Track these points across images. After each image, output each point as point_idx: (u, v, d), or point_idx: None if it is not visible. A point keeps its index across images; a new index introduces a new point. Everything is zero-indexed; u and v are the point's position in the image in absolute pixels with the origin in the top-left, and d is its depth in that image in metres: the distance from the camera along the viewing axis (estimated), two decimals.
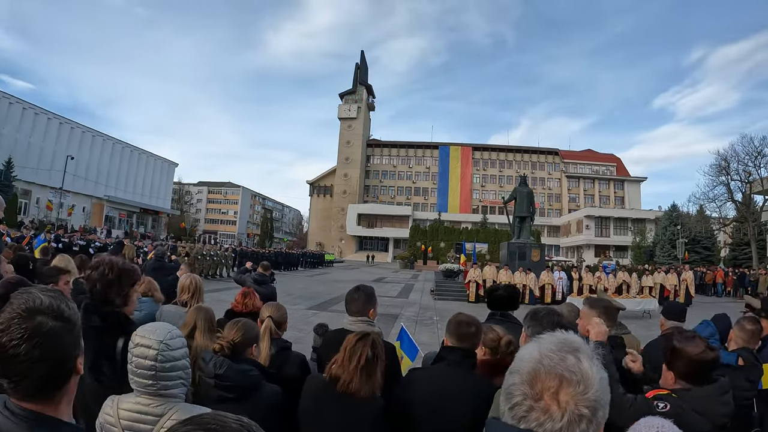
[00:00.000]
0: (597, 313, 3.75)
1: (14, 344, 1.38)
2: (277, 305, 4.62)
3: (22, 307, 1.44)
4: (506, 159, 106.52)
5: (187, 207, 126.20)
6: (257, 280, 10.00)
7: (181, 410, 2.33)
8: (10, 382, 1.42)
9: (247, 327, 3.43)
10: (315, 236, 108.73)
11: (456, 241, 66.12)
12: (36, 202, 58.71)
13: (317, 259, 63.93)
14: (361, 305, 4.14)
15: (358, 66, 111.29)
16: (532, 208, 29.29)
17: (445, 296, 27.62)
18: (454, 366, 3.24)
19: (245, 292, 5.10)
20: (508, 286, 5.42)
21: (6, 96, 56.68)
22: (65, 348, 1.48)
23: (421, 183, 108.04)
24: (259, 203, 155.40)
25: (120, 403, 2.40)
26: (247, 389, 3.08)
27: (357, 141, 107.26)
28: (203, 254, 32.59)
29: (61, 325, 1.47)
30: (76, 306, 1.60)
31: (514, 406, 1.19)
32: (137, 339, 2.39)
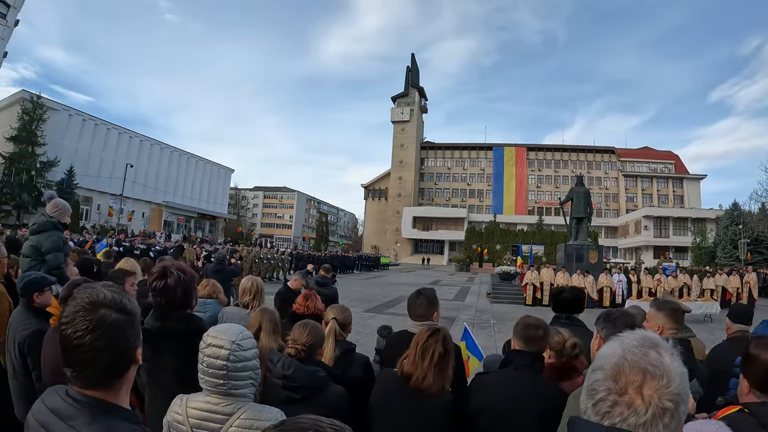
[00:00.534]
0: (664, 316, 3.66)
1: (79, 335, 1.48)
2: (342, 307, 4.65)
3: (86, 301, 1.54)
4: (561, 159, 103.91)
5: (243, 211, 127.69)
6: (319, 282, 10.14)
7: (251, 410, 2.38)
8: (74, 371, 1.52)
9: (316, 329, 3.45)
10: (370, 239, 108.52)
11: (512, 244, 65.68)
12: (97, 208, 60.65)
13: (373, 262, 63.64)
14: (424, 309, 4.18)
15: (409, 69, 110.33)
16: (589, 209, 28.76)
17: (502, 299, 27.28)
18: (522, 370, 3.21)
19: (307, 294, 5.14)
20: (574, 288, 5.32)
21: (66, 108, 58.80)
22: (126, 339, 1.58)
23: (476, 185, 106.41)
24: (314, 207, 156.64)
25: (189, 402, 2.46)
26: (313, 390, 3.09)
27: (411, 144, 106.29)
28: (260, 257, 32.94)
29: (123, 318, 1.57)
30: (135, 301, 1.70)
31: (598, 402, 1.20)
32: (209, 339, 2.44)
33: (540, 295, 25.44)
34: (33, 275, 4.69)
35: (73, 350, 1.49)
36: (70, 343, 1.49)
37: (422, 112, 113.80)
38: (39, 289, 4.50)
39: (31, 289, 4.48)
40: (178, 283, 3.15)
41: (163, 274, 3.17)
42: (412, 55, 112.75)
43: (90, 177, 58.80)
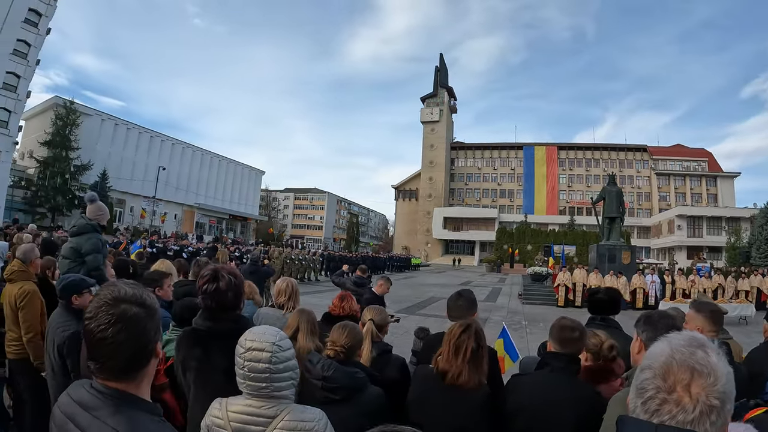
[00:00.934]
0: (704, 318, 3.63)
1: (102, 328, 1.57)
2: (378, 309, 4.68)
3: (109, 297, 1.63)
4: (593, 157, 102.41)
5: (274, 213, 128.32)
6: (357, 283, 10.42)
7: (294, 411, 2.39)
8: (97, 363, 1.61)
9: (355, 331, 3.46)
10: (401, 240, 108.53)
11: (543, 244, 65.29)
12: (130, 210, 61.89)
13: (404, 262, 63.68)
14: (464, 310, 4.20)
15: (437, 69, 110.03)
16: (621, 208, 28.41)
17: (533, 300, 27.21)
18: (558, 372, 3.20)
19: (342, 295, 5.14)
20: (609, 289, 5.31)
21: (98, 113, 60.45)
22: (147, 332, 1.65)
23: (506, 185, 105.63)
24: (344, 208, 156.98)
25: (229, 406, 2.46)
26: (352, 391, 3.09)
27: (440, 144, 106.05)
28: (291, 258, 33.09)
29: (143, 312, 1.65)
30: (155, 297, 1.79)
31: (648, 400, 1.24)
32: (248, 343, 2.42)
33: (572, 296, 25.33)
34: (72, 277, 4.77)
35: (96, 343, 1.58)
36: (93, 337, 1.58)
37: (452, 112, 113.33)
38: (78, 291, 4.57)
39: (70, 291, 4.56)
40: (229, 287, 3.17)
41: (215, 277, 3.18)
42: (440, 55, 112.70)
43: (123, 180, 60.19)
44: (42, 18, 46.53)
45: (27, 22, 45.26)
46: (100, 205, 6.79)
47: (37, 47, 46.60)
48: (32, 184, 51.48)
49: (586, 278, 25.32)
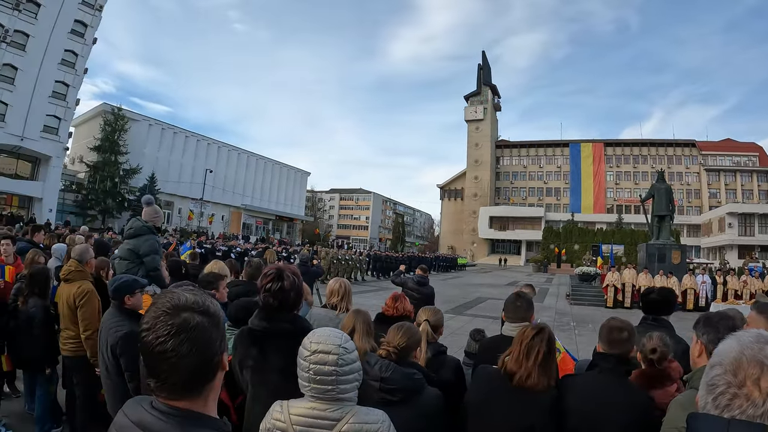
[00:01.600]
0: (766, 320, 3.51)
1: (161, 341, 1.40)
2: (434, 309, 4.68)
3: (167, 305, 1.46)
4: (640, 154, 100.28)
5: (320, 213, 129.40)
6: (419, 282, 10.40)
7: (358, 413, 2.38)
8: (158, 380, 1.44)
9: (411, 331, 3.44)
10: (447, 240, 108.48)
11: (591, 243, 64.42)
12: (178, 212, 63.34)
13: (450, 262, 63.29)
14: (523, 312, 4.23)
15: (480, 67, 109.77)
16: (671, 206, 27.84)
17: (581, 301, 26.78)
18: (607, 373, 3.17)
19: (396, 295, 5.13)
20: (663, 289, 5.22)
21: (146, 119, 62.15)
22: (212, 343, 1.48)
23: (552, 183, 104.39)
24: (390, 208, 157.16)
25: (290, 408, 2.45)
26: (411, 392, 3.07)
27: (485, 143, 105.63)
28: (338, 258, 33.22)
29: (206, 320, 1.48)
30: (218, 303, 1.63)
31: (718, 395, 1.28)
32: (313, 346, 2.42)
33: (621, 297, 24.91)
34: (124, 278, 4.87)
35: (155, 357, 1.42)
36: (152, 350, 1.42)
37: (496, 110, 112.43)
38: (130, 291, 4.67)
39: (122, 291, 4.65)
40: (292, 287, 3.19)
41: (279, 276, 3.19)
42: (482, 52, 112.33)
43: (171, 182, 61.61)
44: (88, 28, 48.14)
45: (73, 32, 46.87)
46: (155, 208, 6.96)
47: (84, 57, 48.26)
48: (83, 187, 53.34)
49: (635, 278, 24.87)
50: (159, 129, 63.95)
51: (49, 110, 45.46)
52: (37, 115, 44.27)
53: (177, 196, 63.48)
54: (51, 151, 45.86)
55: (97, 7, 48.64)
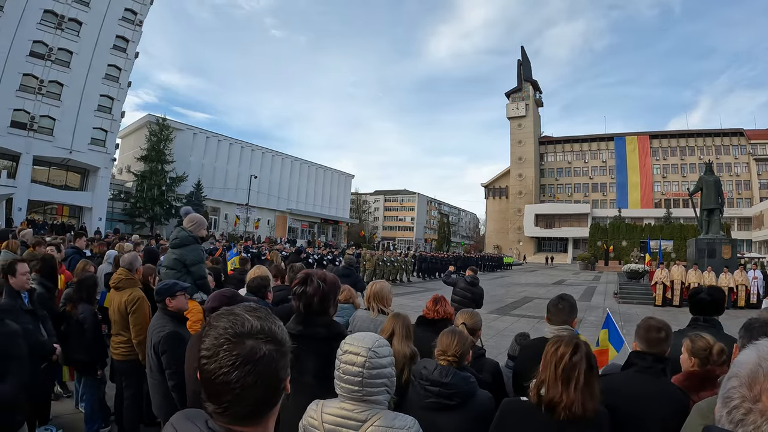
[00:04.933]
0: None
1: (224, 372, 1.31)
2: (471, 312, 4.68)
3: (230, 332, 1.35)
4: (687, 145, 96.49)
5: (365, 215, 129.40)
6: (470, 282, 10.56)
7: (384, 417, 2.40)
8: (218, 407, 1.36)
9: (463, 337, 3.42)
10: (492, 239, 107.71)
11: (639, 239, 63.24)
12: (224, 217, 64.57)
13: (496, 262, 62.75)
14: (566, 315, 4.08)
15: (520, 62, 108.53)
16: (720, 199, 27.13)
17: (630, 299, 26.19)
18: (643, 372, 3.17)
19: (436, 298, 5.09)
20: (712, 288, 5.07)
21: (190, 128, 64.09)
22: (278, 372, 1.40)
23: (598, 178, 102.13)
24: (434, 208, 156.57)
25: (324, 408, 2.51)
26: (467, 396, 3.07)
27: (529, 139, 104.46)
28: (384, 260, 33.24)
29: (274, 349, 1.39)
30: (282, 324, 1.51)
31: (732, 409, 1.21)
32: (345, 346, 2.50)
33: (670, 294, 24.43)
34: (165, 282, 5.06)
35: (217, 387, 1.33)
36: (214, 380, 1.32)
37: (538, 106, 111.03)
38: (171, 293, 4.82)
39: (163, 294, 4.81)
40: (316, 292, 3.22)
41: (304, 281, 3.24)
42: (521, 48, 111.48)
43: (216, 189, 63.34)
44: (129, 43, 49.91)
45: (116, 48, 48.69)
46: (194, 217, 7.07)
47: (127, 70, 50.02)
48: (131, 196, 54.96)
49: (684, 275, 24.31)
50: (203, 137, 65.63)
51: (95, 123, 47.23)
52: (84, 128, 46.01)
53: (223, 202, 64.84)
54: (99, 162, 47.52)
55: (137, 23, 50.44)
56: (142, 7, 50.87)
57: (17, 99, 42.02)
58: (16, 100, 41.99)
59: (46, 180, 46.92)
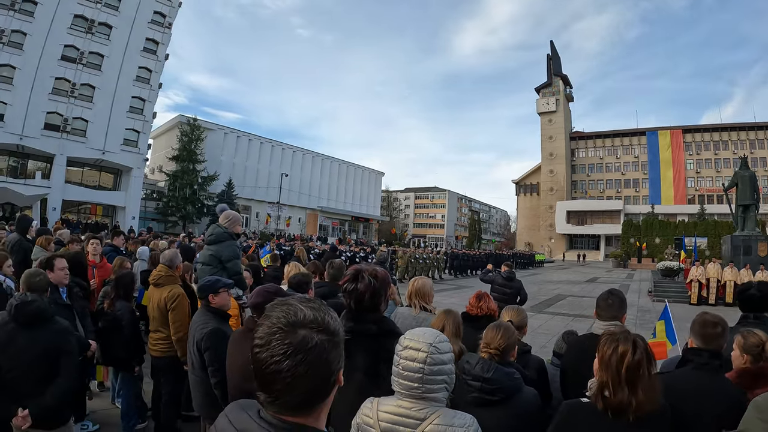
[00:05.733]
0: None
1: (276, 360, 1.31)
2: (517, 309, 4.71)
3: (283, 321, 1.36)
4: (720, 139, 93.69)
5: (395, 213, 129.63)
6: (507, 277, 10.83)
7: (444, 415, 2.33)
8: (270, 396, 1.37)
9: (509, 332, 3.40)
10: (523, 236, 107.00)
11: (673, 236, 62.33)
12: (256, 215, 65.29)
13: (527, 259, 62.38)
14: (616, 310, 3.96)
15: (549, 57, 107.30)
16: (756, 194, 26.69)
17: (664, 297, 25.17)
18: (700, 369, 3.09)
19: (480, 294, 5.09)
20: (762, 284, 4.93)
21: (220, 128, 65.29)
22: (330, 363, 1.39)
23: (630, 174, 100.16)
24: (465, 206, 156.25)
25: (380, 405, 2.46)
26: (510, 392, 3.03)
27: (559, 135, 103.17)
28: (416, 258, 33.24)
29: (327, 339, 1.38)
30: (336, 315, 1.51)
31: None
32: (406, 342, 2.44)
33: (706, 293, 24.05)
34: (208, 278, 5.04)
35: (268, 376, 1.33)
36: (265, 369, 1.32)
37: (568, 101, 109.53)
38: (214, 290, 4.80)
39: (206, 290, 4.80)
40: (367, 288, 3.18)
41: (355, 278, 3.22)
42: (551, 42, 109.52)
43: (248, 187, 64.18)
44: (159, 45, 51.03)
45: (146, 50, 49.81)
46: (229, 213, 7.11)
47: (157, 72, 51.11)
48: (163, 195, 56.34)
49: (720, 273, 23.93)
50: (234, 137, 66.69)
51: (127, 124, 48.27)
52: (116, 129, 47.14)
53: (254, 201, 65.63)
54: (131, 162, 48.60)
55: (166, 25, 51.52)
56: (170, 9, 51.93)
57: (50, 102, 43.10)
58: (49, 103, 43.03)
59: (80, 180, 48.10)
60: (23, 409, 3.83)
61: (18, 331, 3.95)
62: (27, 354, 3.91)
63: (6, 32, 40.48)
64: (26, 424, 3.85)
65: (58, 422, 4.13)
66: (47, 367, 3.98)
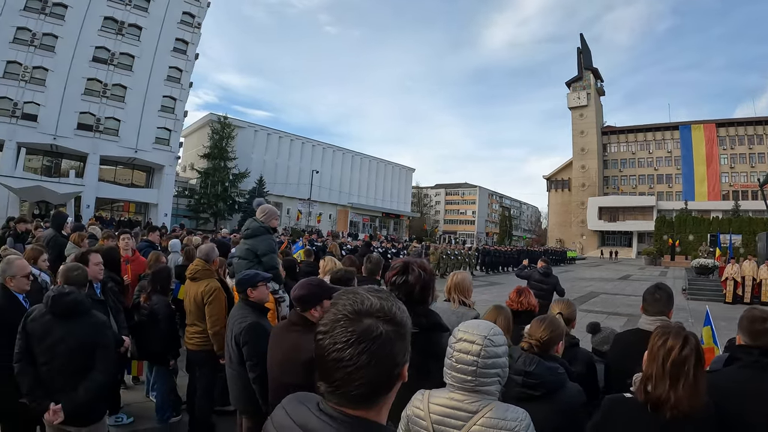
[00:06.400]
0: None
1: (338, 348, 1.28)
2: (567, 302, 4.68)
3: (349, 309, 1.33)
4: (755, 133, 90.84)
5: (426, 209, 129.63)
6: (544, 273, 10.91)
7: (496, 409, 2.29)
8: (330, 386, 1.33)
9: (554, 324, 3.33)
10: (554, 232, 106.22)
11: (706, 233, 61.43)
12: (287, 212, 65.53)
13: (559, 256, 62.02)
14: (663, 305, 3.87)
15: (579, 50, 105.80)
16: None
17: (699, 296, 25.23)
18: (749, 367, 2.95)
19: (520, 289, 5.06)
20: None
21: (251, 125, 66.49)
22: (394, 355, 1.34)
23: (663, 169, 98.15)
24: (496, 202, 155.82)
25: (431, 398, 2.43)
26: (553, 387, 2.96)
27: (591, 130, 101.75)
28: (447, 254, 33.20)
29: (392, 330, 1.34)
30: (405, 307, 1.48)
31: None
32: (460, 334, 2.40)
33: (741, 291, 23.61)
34: (247, 272, 5.02)
35: (330, 364, 1.30)
36: (327, 356, 1.30)
37: (599, 95, 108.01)
38: (253, 284, 4.78)
39: (245, 284, 4.77)
40: (418, 281, 3.16)
41: (405, 270, 3.18)
42: (581, 35, 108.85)
43: (278, 184, 64.97)
44: (189, 45, 52.07)
45: (176, 50, 50.92)
46: (265, 208, 7.11)
47: (188, 72, 52.19)
48: (195, 192, 57.58)
49: (755, 271, 23.47)
50: (264, 134, 67.72)
51: (159, 123, 49.38)
52: (148, 128, 48.30)
53: (285, 197, 66.15)
54: (163, 160, 49.73)
55: (195, 25, 52.54)
56: (199, 9, 52.91)
57: (83, 102, 44.33)
58: (82, 104, 44.26)
59: (113, 178, 49.15)
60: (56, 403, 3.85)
61: (54, 322, 3.95)
62: (63, 346, 3.91)
63: (38, 35, 41.74)
64: (58, 419, 3.86)
65: (92, 418, 4.15)
66: (83, 361, 3.98)
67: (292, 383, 2.87)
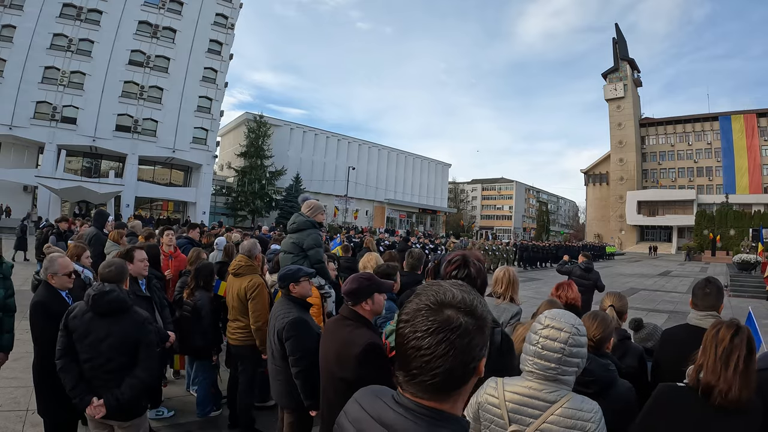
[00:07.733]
0: None
1: (418, 336, 1.31)
2: (619, 295, 4.57)
3: (432, 299, 1.36)
4: None
5: (463, 205, 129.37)
6: (585, 268, 10.97)
7: (573, 399, 2.32)
8: (407, 375, 1.36)
9: (606, 321, 3.29)
10: (593, 227, 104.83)
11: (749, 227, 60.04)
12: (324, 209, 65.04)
13: (598, 251, 60.67)
14: (713, 299, 3.80)
15: (615, 41, 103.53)
16: None
17: (741, 293, 24.74)
18: None
19: (559, 284, 5.02)
20: None
21: (287, 123, 67.15)
22: (472, 347, 1.34)
23: (703, 162, 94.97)
24: (533, 196, 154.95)
25: (506, 386, 2.43)
26: (606, 384, 2.92)
27: (628, 122, 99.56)
28: (485, 249, 33.19)
29: (472, 322, 1.34)
30: (487, 305, 1.48)
31: None
32: (547, 321, 2.41)
33: None
34: (289, 267, 5.00)
35: (408, 351, 1.34)
36: (406, 344, 1.34)
37: (636, 86, 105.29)
38: (295, 279, 4.77)
39: (287, 280, 4.76)
40: (479, 274, 3.14)
41: (465, 263, 3.15)
42: (616, 25, 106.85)
43: (315, 181, 65.90)
44: (223, 46, 53.13)
45: (210, 51, 52.04)
46: (311, 203, 7.23)
47: (223, 72, 53.25)
48: (232, 190, 58.12)
49: None
50: (300, 132, 68.31)
51: (196, 123, 50.54)
52: (185, 128, 49.49)
53: (322, 194, 66.11)
54: (201, 159, 50.72)
55: (229, 26, 53.64)
56: (232, 11, 53.89)
57: (120, 104, 45.71)
58: (120, 106, 45.63)
59: (152, 178, 50.45)
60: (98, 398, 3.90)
61: (96, 320, 4.00)
62: (105, 344, 3.96)
63: (74, 41, 43.10)
64: (100, 414, 3.91)
65: (133, 413, 4.19)
66: (125, 358, 4.04)
67: (344, 377, 2.92)
